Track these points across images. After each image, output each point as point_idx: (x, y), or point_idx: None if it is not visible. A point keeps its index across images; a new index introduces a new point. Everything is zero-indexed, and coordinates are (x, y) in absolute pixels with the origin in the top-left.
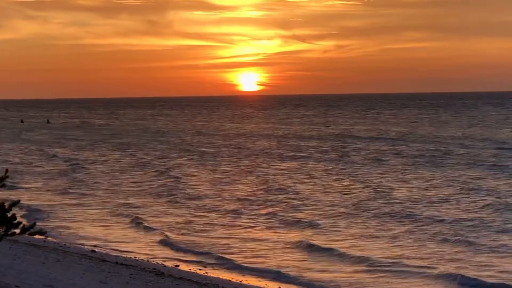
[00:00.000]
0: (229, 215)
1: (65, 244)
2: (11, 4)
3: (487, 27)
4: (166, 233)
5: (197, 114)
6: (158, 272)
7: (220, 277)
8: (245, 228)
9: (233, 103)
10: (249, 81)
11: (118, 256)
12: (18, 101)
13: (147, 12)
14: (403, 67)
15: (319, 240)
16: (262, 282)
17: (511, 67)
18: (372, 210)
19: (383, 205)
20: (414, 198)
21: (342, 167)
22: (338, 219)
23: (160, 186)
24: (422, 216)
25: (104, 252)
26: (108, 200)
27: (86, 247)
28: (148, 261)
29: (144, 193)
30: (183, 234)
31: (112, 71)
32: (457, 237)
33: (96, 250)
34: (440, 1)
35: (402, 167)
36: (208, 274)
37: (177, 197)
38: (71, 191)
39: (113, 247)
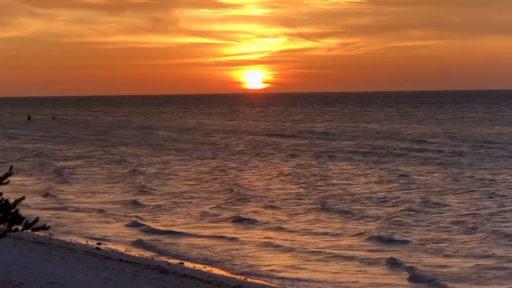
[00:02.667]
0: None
1: (70, 241)
2: (16, 2)
3: (492, 25)
4: None
5: (166, 112)
6: (163, 269)
7: (224, 274)
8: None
9: (217, 101)
10: (254, 79)
11: (123, 253)
12: (23, 99)
13: (152, 10)
14: (408, 65)
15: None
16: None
17: None
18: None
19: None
20: (276, 198)
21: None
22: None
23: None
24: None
25: (109, 249)
26: None
27: (90, 244)
28: (152, 258)
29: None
30: None
31: (117, 68)
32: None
33: (101, 248)
34: None
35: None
36: (213, 272)
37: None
38: None
39: None
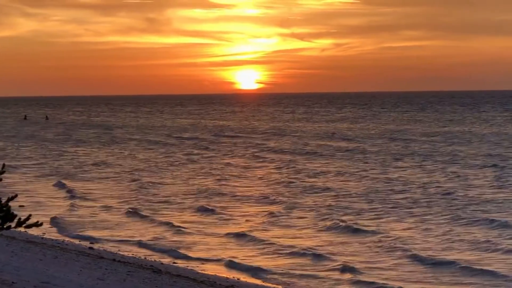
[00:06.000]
0: None
1: (63, 241)
2: (10, 1)
3: (486, 25)
4: None
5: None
6: (156, 269)
7: (218, 274)
8: None
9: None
10: (247, 79)
11: (116, 253)
12: (16, 99)
13: (146, 10)
14: (402, 65)
15: None
16: None
17: (510, 65)
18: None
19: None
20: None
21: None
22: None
23: None
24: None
25: (102, 249)
26: None
27: (84, 244)
28: (145, 258)
29: None
30: None
31: (111, 68)
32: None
33: (94, 247)
34: (439, 0)
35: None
36: (206, 272)
37: None
38: None
39: None
